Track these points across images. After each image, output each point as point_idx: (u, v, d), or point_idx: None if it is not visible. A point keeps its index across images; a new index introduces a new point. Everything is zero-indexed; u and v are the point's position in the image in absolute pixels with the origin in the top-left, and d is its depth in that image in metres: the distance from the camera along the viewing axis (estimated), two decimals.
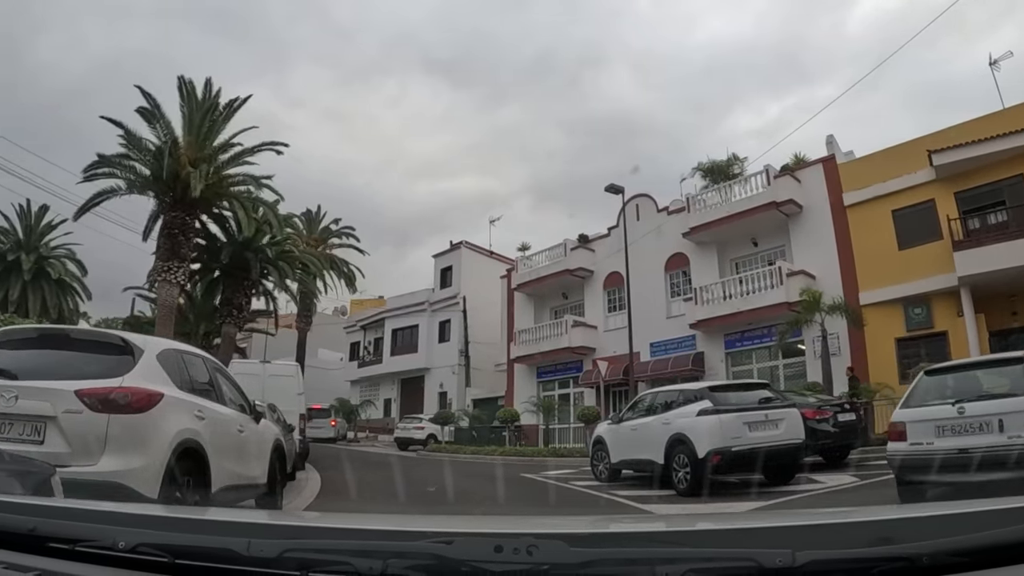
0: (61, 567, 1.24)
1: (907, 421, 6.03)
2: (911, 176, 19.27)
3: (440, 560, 1.10)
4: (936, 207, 18.59)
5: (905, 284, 18.71)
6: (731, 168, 24.32)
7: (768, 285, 20.46)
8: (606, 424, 12.47)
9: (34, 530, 1.30)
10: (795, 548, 1.03)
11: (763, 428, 9.12)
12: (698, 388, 10.32)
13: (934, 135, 19.24)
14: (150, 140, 22.26)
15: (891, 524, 1.23)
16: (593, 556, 1.09)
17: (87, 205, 22.78)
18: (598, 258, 27.16)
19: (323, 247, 40.16)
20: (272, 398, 13.94)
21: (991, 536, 1.06)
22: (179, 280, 21.96)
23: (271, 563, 1.15)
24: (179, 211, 22.16)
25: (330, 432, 29.75)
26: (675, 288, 24.60)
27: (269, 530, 1.44)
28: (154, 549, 1.21)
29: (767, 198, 21.18)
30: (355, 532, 1.36)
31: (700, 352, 22.45)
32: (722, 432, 8.90)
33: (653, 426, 10.21)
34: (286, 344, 42.70)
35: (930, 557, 1.03)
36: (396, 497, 9.22)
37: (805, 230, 21.28)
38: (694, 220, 22.92)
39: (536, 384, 28.68)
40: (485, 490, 11.23)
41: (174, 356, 5.28)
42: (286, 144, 23.36)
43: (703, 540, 1.31)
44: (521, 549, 1.09)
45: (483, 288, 33.59)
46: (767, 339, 21.11)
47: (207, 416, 5.24)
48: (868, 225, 19.88)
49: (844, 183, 20.78)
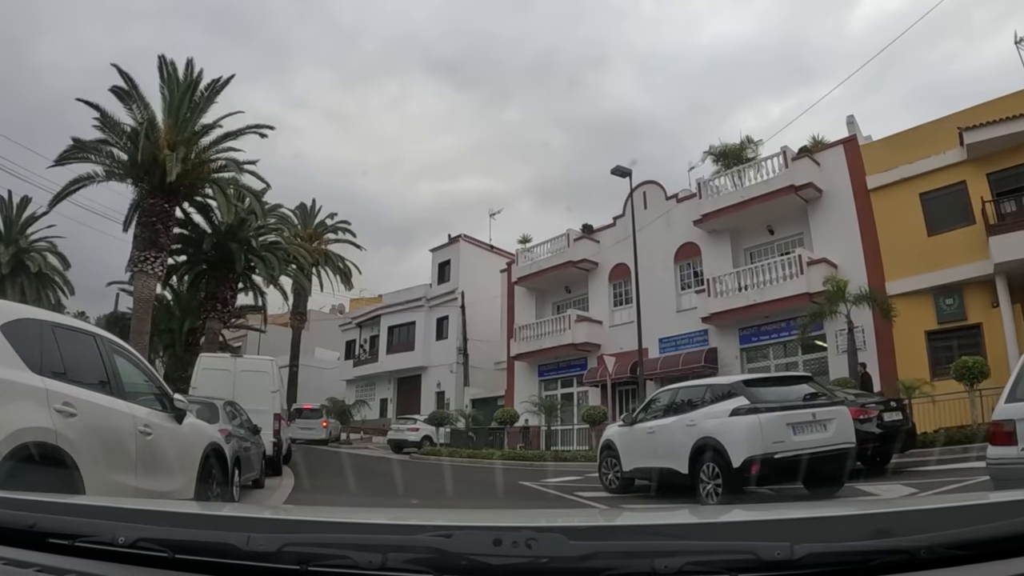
0: (61, 563, 1.24)
1: (1018, 419, 4.58)
2: (940, 157, 17.91)
3: (439, 553, 1.10)
4: (968, 189, 17.30)
5: (935, 273, 17.37)
6: (744, 152, 22.86)
7: (787, 275, 19.01)
8: (617, 427, 11.01)
9: (34, 526, 1.31)
10: (793, 541, 1.03)
11: (809, 430, 7.62)
12: (730, 382, 8.82)
13: (964, 112, 17.90)
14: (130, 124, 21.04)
15: (889, 517, 1.23)
16: (592, 549, 1.10)
17: (62, 193, 21.62)
18: (603, 249, 25.66)
19: (318, 242, 38.95)
20: (243, 396, 12.66)
21: (989, 529, 1.06)
22: (157, 271, 20.66)
23: (270, 557, 1.15)
24: (158, 198, 20.90)
25: (321, 434, 28.31)
26: (685, 281, 23.14)
27: (268, 524, 1.47)
28: (154, 544, 1.22)
29: (785, 181, 19.74)
30: (354, 526, 1.37)
31: (713, 348, 20.98)
32: (762, 436, 7.39)
33: (674, 429, 8.79)
34: (281, 342, 41.45)
35: (928, 550, 1.03)
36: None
37: (825, 216, 19.83)
38: (706, 206, 21.47)
39: (537, 383, 27.17)
40: (475, 504, 9.84)
41: (33, 329, 3.87)
42: (271, 127, 22.15)
43: (701, 533, 1.30)
44: (520, 542, 1.09)
45: (482, 283, 32.08)
46: (785, 333, 19.65)
47: (81, 411, 3.83)
48: (894, 210, 18.52)
49: (867, 165, 19.39)
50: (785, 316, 19.30)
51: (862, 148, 19.82)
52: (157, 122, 21.16)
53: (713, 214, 21.27)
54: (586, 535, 1.19)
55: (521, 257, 28.84)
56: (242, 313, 30.09)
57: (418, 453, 22.54)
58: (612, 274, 25.43)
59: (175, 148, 19.90)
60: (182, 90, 20.83)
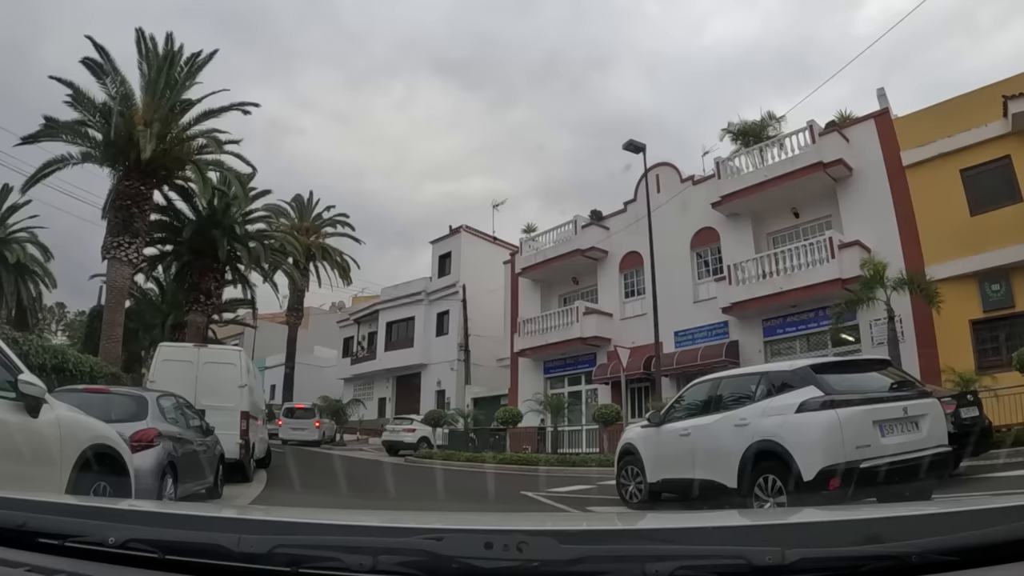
0: (51, 563, 1.22)
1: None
2: (982, 129, 16.36)
3: (430, 556, 1.10)
4: (1013, 164, 15.87)
5: (979, 256, 15.85)
6: (765, 130, 21.21)
7: (816, 260, 17.34)
8: (639, 428, 9.16)
9: (24, 525, 1.29)
10: (785, 546, 1.03)
11: (900, 430, 5.86)
12: (792, 369, 6.86)
13: (1007, 81, 16.30)
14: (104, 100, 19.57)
15: (880, 523, 1.24)
16: (583, 553, 1.09)
17: (36, 176, 20.14)
18: (613, 237, 23.95)
19: (316, 236, 37.52)
20: (207, 390, 11.18)
21: (979, 535, 1.06)
22: (132, 258, 19.14)
23: (261, 559, 1.15)
24: (133, 180, 19.39)
25: (314, 434, 26.65)
26: (703, 269, 21.44)
27: (260, 526, 1.45)
28: (144, 545, 1.21)
29: (812, 158, 18.06)
30: (345, 528, 1.36)
31: (734, 341, 19.28)
32: (844, 438, 5.60)
33: (718, 430, 7.04)
34: (279, 340, 40.01)
35: (919, 556, 1.03)
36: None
37: (857, 196, 18.14)
38: (726, 187, 19.76)
39: (543, 380, 25.46)
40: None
41: None
42: (256, 104, 20.57)
43: (693, 537, 1.25)
44: (511, 546, 1.08)
45: (485, 277, 30.37)
46: (813, 324, 17.98)
47: None
48: (932, 188, 16.95)
49: (901, 140, 17.78)
50: (814, 305, 17.68)
51: (895, 122, 18.20)
52: (135, 99, 19.69)
53: (733, 195, 19.58)
54: (577, 539, 1.20)
55: (525, 246, 27.11)
56: (231, 307, 28.60)
57: (413, 456, 20.89)
58: (623, 263, 23.74)
59: (151, 125, 18.38)
60: (158, 64, 19.30)
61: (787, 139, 19.34)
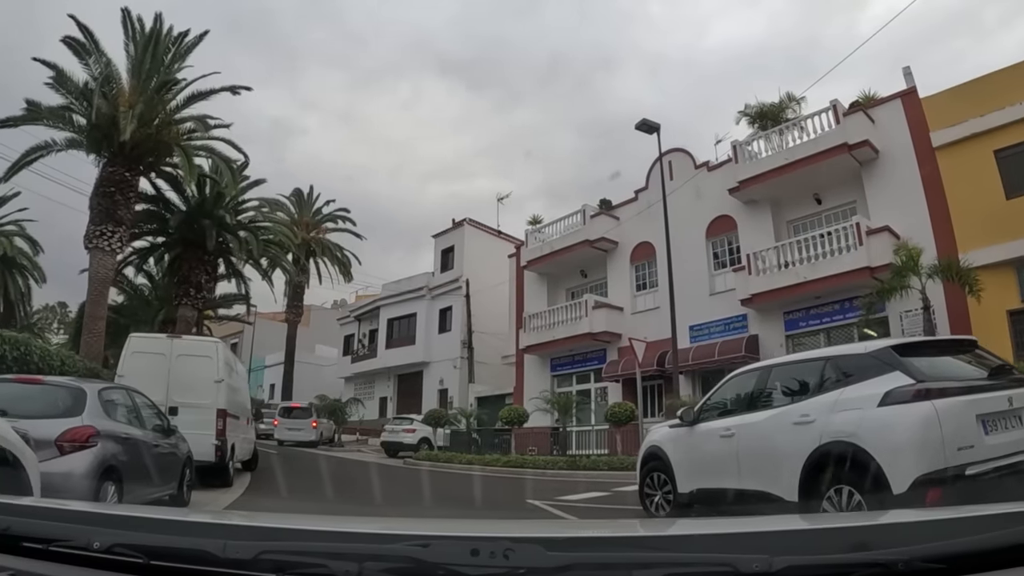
0: (35, 567, 1.20)
1: None
2: (1018, 107, 15.26)
3: (416, 563, 1.09)
4: None
5: (1017, 242, 14.77)
6: (784, 113, 20.08)
7: (842, 247, 16.22)
8: (667, 428, 7.74)
9: (7, 529, 1.26)
10: (772, 554, 1.02)
11: (1005, 425, 4.65)
12: (868, 350, 5.46)
13: None
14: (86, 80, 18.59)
15: (867, 530, 1.24)
16: (570, 560, 1.08)
17: (19, 163, 19.21)
18: (624, 227, 22.79)
19: (316, 231, 36.55)
20: (180, 385, 10.17)
21: (966, 543, 1.06)
22: (115, 248, 18.15)
23: (247, 565, 1.13)
24: (117, 166, 18.39)
25: (311, 435, 25.56)
26: (719, 259, 20.30)
27: (245, 532, 1.42)
28: (129, 550, 1.19)
29: (837, 140, 16.95)
30: (331, 534, 1.35)
31: (754, 335, 18.12)
32: (943, 437, 4.38)
33: (771, 429, 5.75)
34: (279, 338, 39.03)
35: (905, 563, 1.02)
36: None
37: (883, 180, 17.01)
38: (743, 172, 18.63)
39: (550, 378, 24.31)
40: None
41: None
42: (248, 87, 19.51)
43: (680, 545, 1.28)
44: (498, 553, 1.07)
45: (489, 271, 29.16)
46: (839, 316, 16.84)
47: None
48: (965, 170, 15.89)
49: (931, 121, 16.68)
50: (839, 296, 16.58)
51: (923, 101, 17.05)
52: (121, 81, 18.70)
53: (751, 180, 18.45)
54: (564, 546, 1.18)
55: (531, 238, 25.93)
56: (225, 303, 27.57)
57: (412, 458, 19.79)
58: (634, 254, 22.61)
59: (134, 107, 17.38)
60: (143, 42, 18.30)
61: (808, 120, 18.23)
